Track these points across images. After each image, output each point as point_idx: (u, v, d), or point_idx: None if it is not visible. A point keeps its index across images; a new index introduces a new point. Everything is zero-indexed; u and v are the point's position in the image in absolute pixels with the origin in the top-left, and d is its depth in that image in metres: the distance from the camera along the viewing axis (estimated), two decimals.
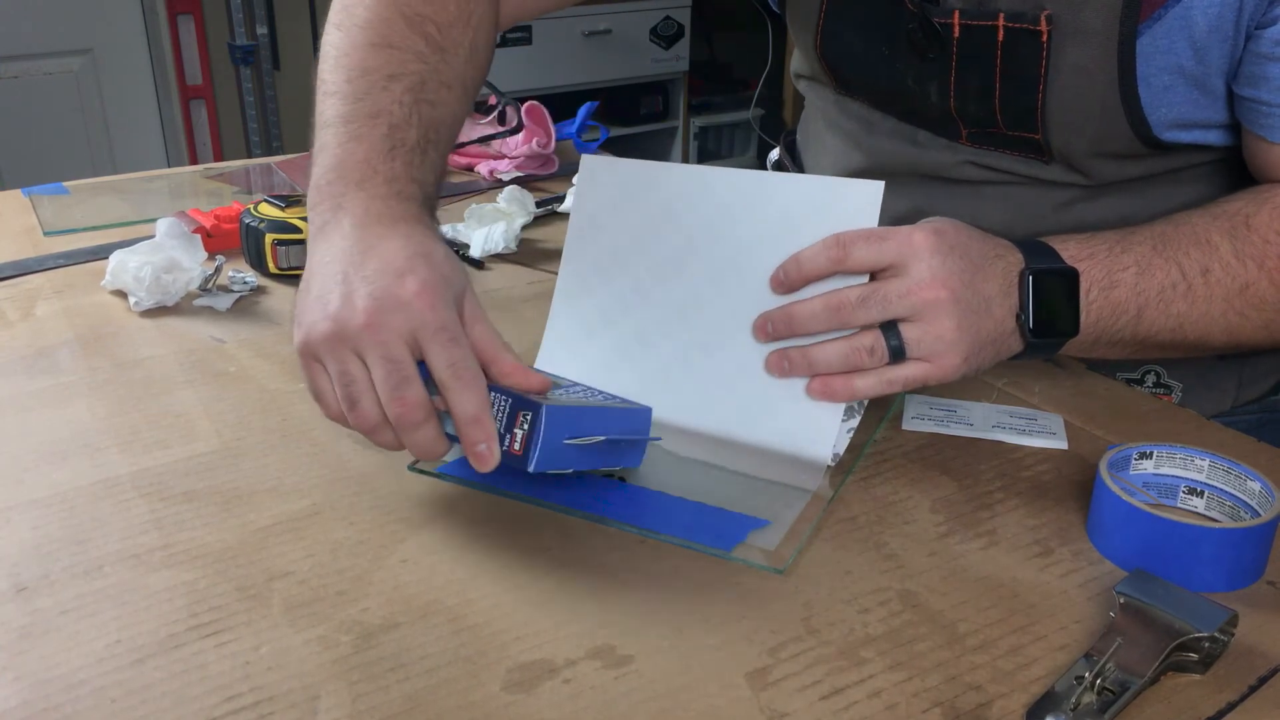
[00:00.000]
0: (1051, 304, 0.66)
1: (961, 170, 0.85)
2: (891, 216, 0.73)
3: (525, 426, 0.58)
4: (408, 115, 0.68)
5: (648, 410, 0.65)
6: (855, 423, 0.67)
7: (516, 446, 0.58)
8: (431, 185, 0.67)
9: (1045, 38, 0.74)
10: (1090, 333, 0.68)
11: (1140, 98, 0.73)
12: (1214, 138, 0.76)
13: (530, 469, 0.58)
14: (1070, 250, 0.68)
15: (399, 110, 0.68)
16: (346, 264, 0.59)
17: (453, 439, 0.59)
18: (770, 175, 0.69)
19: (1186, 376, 0.85)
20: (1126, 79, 0.72)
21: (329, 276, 0.59)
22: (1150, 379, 0.85)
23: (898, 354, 0.64)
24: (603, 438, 0.61)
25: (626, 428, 0.64)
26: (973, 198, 0.85)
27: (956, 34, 0.77)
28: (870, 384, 0.65)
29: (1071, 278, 0.67)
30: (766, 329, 0.67)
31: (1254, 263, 0.69)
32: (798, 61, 0.98)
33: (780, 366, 0.67)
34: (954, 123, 0.82)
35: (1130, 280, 0.68)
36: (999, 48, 0.76)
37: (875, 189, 0.65)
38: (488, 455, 0.57)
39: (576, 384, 0.66)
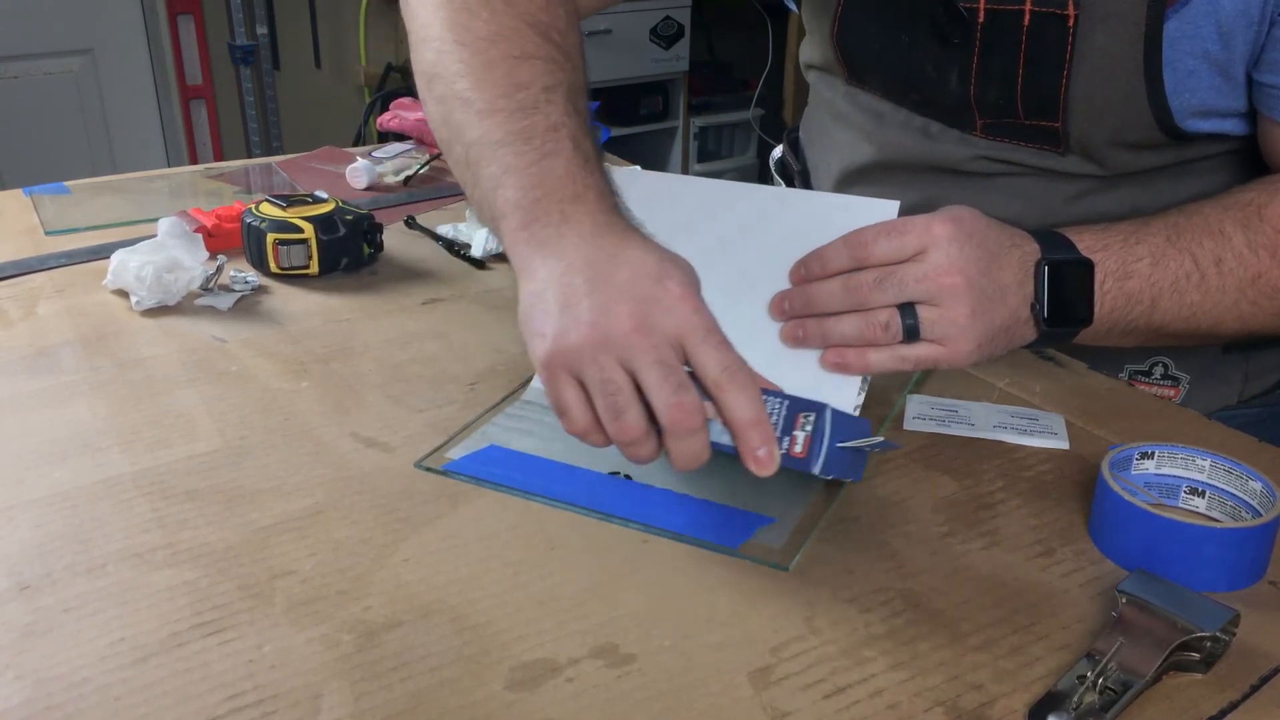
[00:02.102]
0: (1067, 294, 0.67)
1: (974, 164, 0.85)
2: (902, 208, 0.73)
3: (808, 428, 0.56)
4: (580, 126, 0.66)
5: (868, 422, 0.62)
6: (861, 399, 0.68)
7: (798, 449, 0.56)
8: (619, 194, 0.66)
9: (1071, 22, 0.74)
10: (1104, 322, 0.69)
11: (1165, 84, 0.73)
12: (1231, 126, 0.76)
13: (816, 471, 0.56)
14: (1086, 241, 0.68)
15: (572, 123, 0.66)
16: (590, 274, 0.57)
17: (715, 446, 0.56)
18: (789, 192, 0.70)
19: (1194, 368, 0.86)
20: (1152, 65, 0.73)
21: (571, 287, 0.57)
22: (1158, 370, 0.86)
23: (912, 333, 0.65)
24: (878, 439, 0.60)
25: (867, 435, 0.62)
26: (984, 190, 0.85)
27: (981, 18, 0.78)
28: (883, 359, 0.65)
29: (1087, 268, 0.67)
30: (783, 306, 0.68)
31: (1266, 252, 0.69)
32: (808, 51, 0.98)
33: (794, 335, 0.67)
34: (970, 112, 0.83)
35: (1145, 271, 0.69)
36: (1024, 32, 0.76)
37: (890, 208, 0.67)
38: (768, 460, 0.54)
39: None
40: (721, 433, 0.55)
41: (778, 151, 1.11)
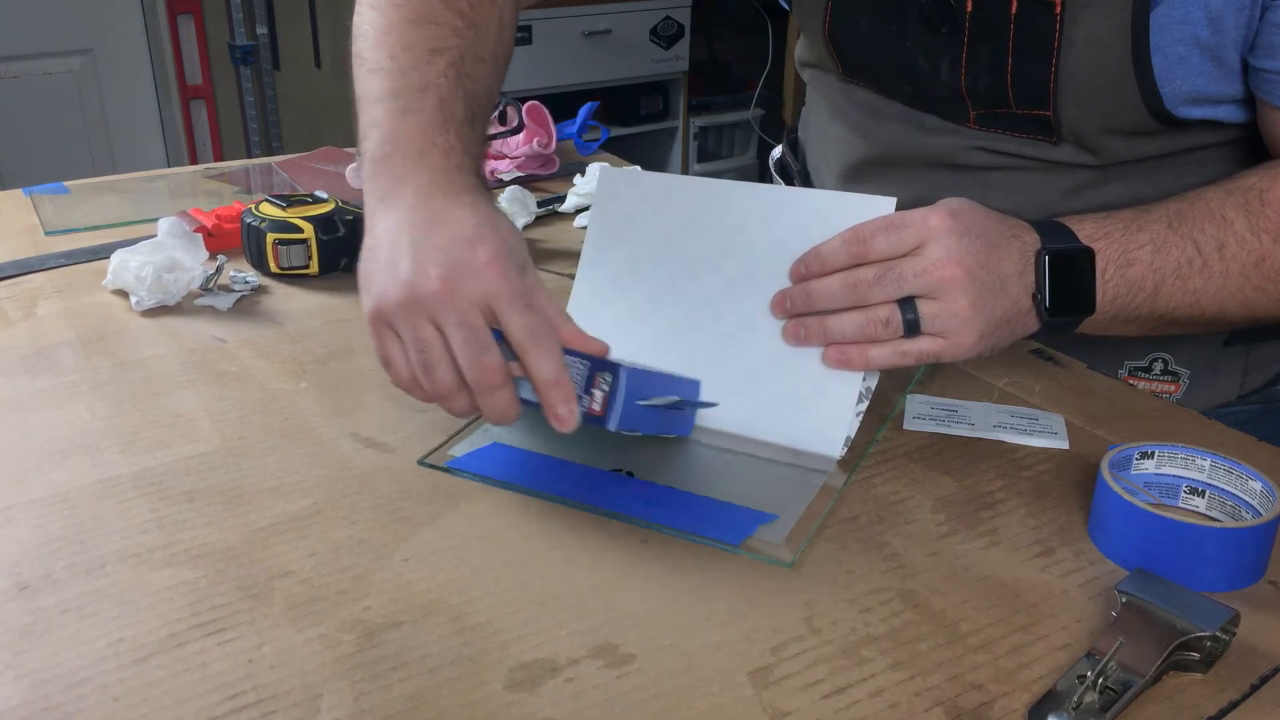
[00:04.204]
0: (1068, 283, 0.67)
1: (969, 156, 0.85)
2: (899, 204, 0.73)
3: (605, 387, 0.60)
4: (454, 89, 0.69)
5: (697, 381, 0.68)
6: (864, 406, 0.68)
7: (596, 407, 0.60)
8: (480, 158, 0.70)
9: (1059, 10, 0.74)
10: (1107, 310, 0.69)
11: (1154, 70, 0.73)
12: (1225, 113, 0.76)
13: (611, 428, 0.60)
14: (1086, 229, 0.68)
15: (445, 84, 0.69)
16: (415, 234, 0.61)
17: (525, 403, 0.60)
18: (787, 190, 0.70)
19: (1194, 363, 0.86)
20: (1140, 50, 0.73)
21: (398, 245, 0.61)
22: (1158, 366, 0.86)
23: (913, 328, 0.65)
24: (675, 399, 0.64)
25: (686, 394, 0.67)
26: (980, 185, 0.85)
27: (969, 8, 0.78)
28: (885, 354, 0.66)
29: (1088, 256, 0.67)
30: (785, 305, 0.68)
31: (1269, 236, 0.69)
32: (802, 49, 0.98)
33: (796, 334, 0.68)
34: (963, 103, 0.83)
35: (1146, 258, 0.68)
36: (1012, 21, 0.76)
37: (888, 204, 0.67)
38: (568, 417, 0.58)
39: (622, 359, 0.66)
40: (532, 391, 0.59)
41: (777, 151, 1.11)
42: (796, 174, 1.07)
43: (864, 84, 0.90)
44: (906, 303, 0.65)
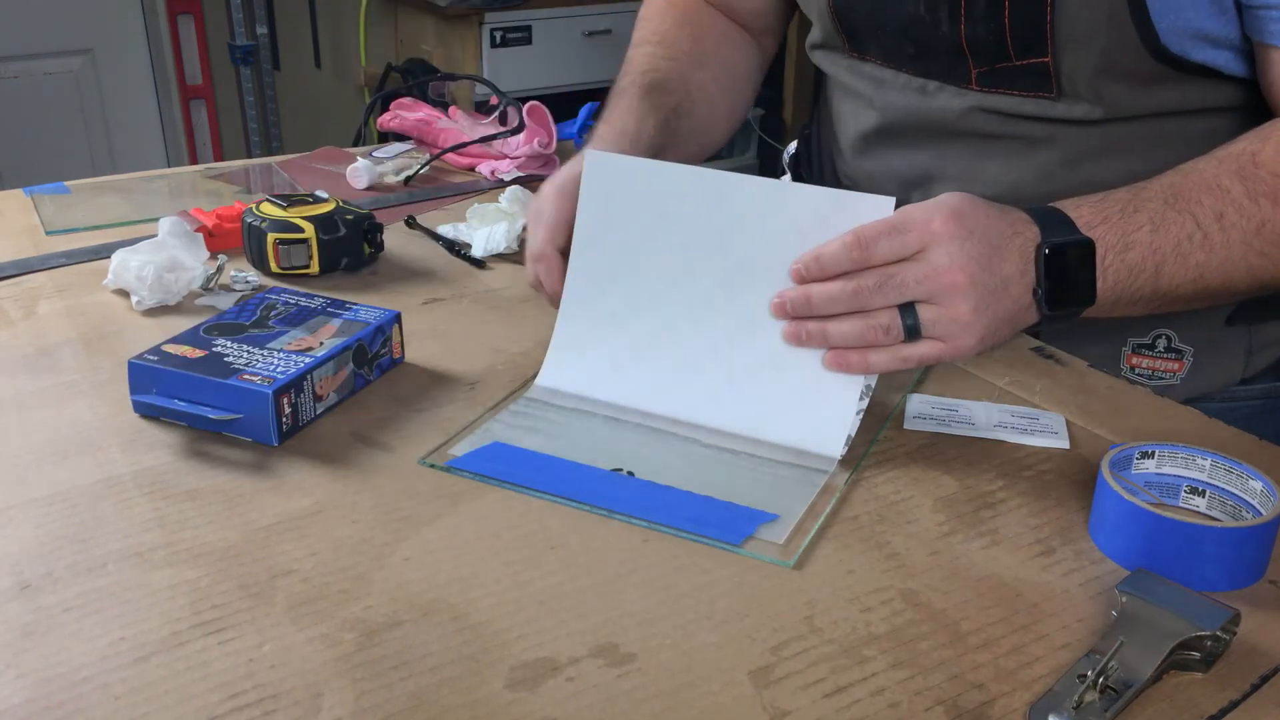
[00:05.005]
0: (1068, 277, 0.67)
1: (971, 119, 0.85)
2: (901, 179, 0.72)
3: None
4: (643, 81, 0.93)
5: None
6: (864, 404, 0.68)
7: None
8: (633, 123, 0.89)
9: None
10: (1109, 295, 0.69)
11: (1147, 3, 0.73)
12: (1225, 61, 0.76)
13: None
14: (1084, 215, 0.68)
15: (638, 79, 0.94)
16: None
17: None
18: (782, 184, 0.70)
19: (1198, 341, 0.86)
20: None
21: None
22: (1161, 343, 0.86)
23: (913, 333, 0.65)
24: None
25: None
26: (983, 155, 0.85)
27: None
28: (885, 359, 0.66)
29: (1088, 248, 0.67)
30: (785, 308, 0.68)
31: (1267, 200, 0.69)
32: (812, 34, 0.99)
33: (796, 336, 0.68)
34: (964, 60, 0.83)
35: (1145, 239, 0.68)
36: None
37: (887, 204, 0.66)
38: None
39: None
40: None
41: (793, 146, 1.12)
42: (806, 169, 1.07)
43: (870, 56, 0.91)
44: (907, 308, 0.65)
